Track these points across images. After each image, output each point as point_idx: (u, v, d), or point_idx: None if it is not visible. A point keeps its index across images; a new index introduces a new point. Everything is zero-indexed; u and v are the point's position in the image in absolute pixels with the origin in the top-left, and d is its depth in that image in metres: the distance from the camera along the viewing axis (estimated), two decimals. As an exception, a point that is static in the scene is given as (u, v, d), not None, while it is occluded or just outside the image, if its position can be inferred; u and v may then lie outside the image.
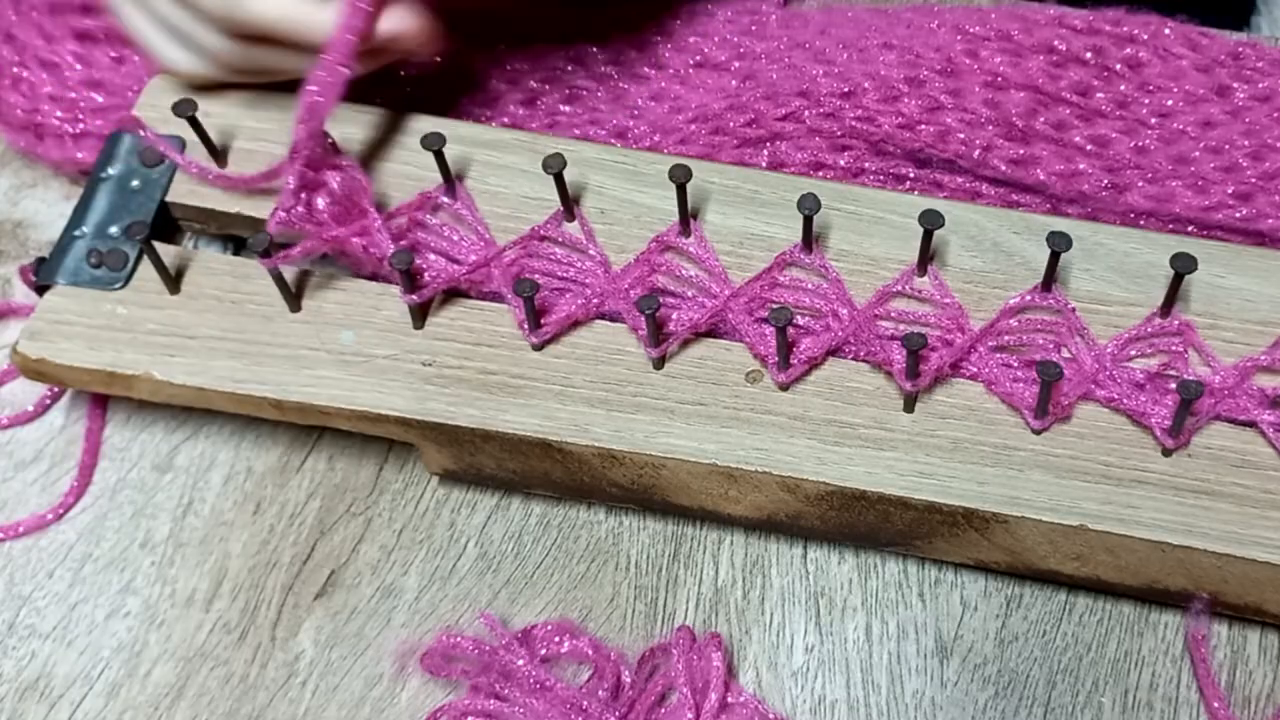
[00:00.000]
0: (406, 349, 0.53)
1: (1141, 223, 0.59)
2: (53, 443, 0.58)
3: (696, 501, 0.53)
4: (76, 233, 0.56)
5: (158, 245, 0.54)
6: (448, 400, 0.52)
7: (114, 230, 0.56)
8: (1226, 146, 0.60)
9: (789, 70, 0.62)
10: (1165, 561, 0.49)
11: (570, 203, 0.55)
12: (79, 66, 0.62)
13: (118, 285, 0.55)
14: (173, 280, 0.55)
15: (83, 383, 0.54)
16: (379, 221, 0.54)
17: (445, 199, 0.56)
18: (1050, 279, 0.53)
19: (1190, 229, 0.59)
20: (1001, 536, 0.50)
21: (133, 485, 0.57)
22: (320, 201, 0.54)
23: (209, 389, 0.53)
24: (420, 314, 0.54)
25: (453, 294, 0.55)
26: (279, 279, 0.53)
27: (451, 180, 0.55)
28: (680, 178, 0.53)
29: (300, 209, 0.54)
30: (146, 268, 0.55)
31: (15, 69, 0.62)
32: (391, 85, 0.62)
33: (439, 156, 0.54)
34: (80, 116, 0.61)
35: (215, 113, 0.58)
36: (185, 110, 0.55)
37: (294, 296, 0.54)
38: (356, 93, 0.62)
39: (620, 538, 0.55)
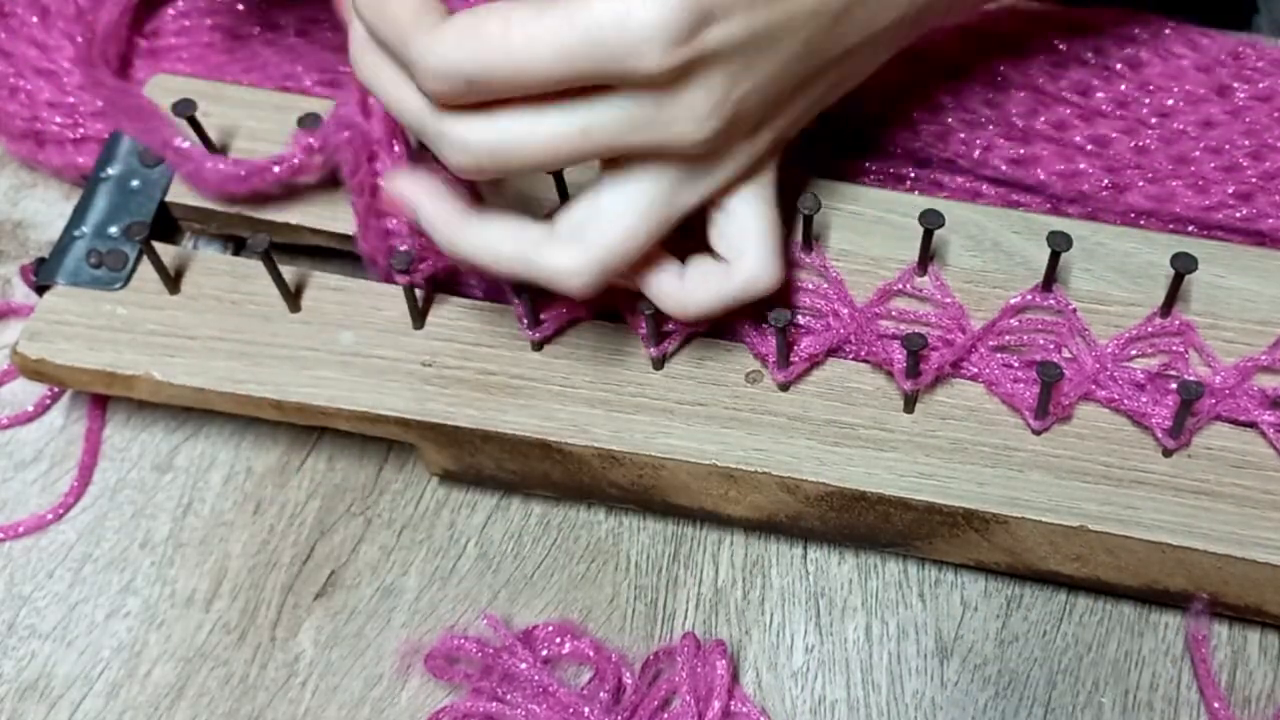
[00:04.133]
0: (406, 349, 0.53)
1: (1142, 222, 0.59)
2: (53, 443, 0.58)
3: (696, 502, 0.53)
4: (76, 233, 0.56)
5: (157, 245, 0.54)
6: (447, 401, 0.52)
7: (114, 230, 0.56)
8: (1227, 146, 0.60)
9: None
10: (1165, 562, 0.49)
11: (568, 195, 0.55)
12: (76, 72, 0.62)
13: (117, 285, 0.55)
14: (172, 280, 0.55)
15: (83, 383, 0.54)
16: None
17: None
18: (1050, 279, 0.52)
19: (1190, 229, 0.58)
20: (1001, 537, 0.50)
21: (133, 485, 0.57)
22: None
23: (209, 389, 0.53)
24: (420, 314, 0.54)
25: (451, 293, 0.55)
26: (279, 279, 0.53)
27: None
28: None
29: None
30: (146, 268, 0.55)
31: (12, 79, 0.62)
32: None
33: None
34: (80, 121, 0.61)
35: (215, 112, 0.58)
36: (185, 110, 0.55)
37: (293, 297, 0.54)
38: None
39: (620, 538, 0.55)
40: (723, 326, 0.53)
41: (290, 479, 0.57)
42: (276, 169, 0.55)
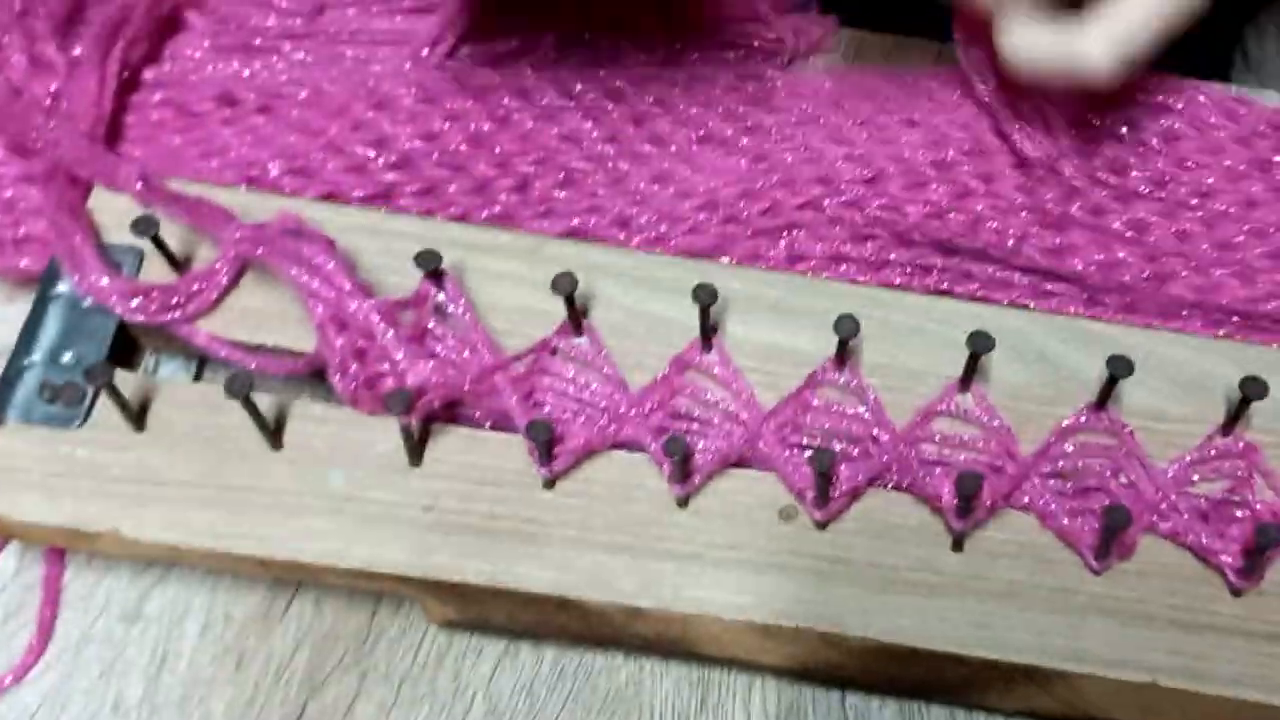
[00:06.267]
0: (404, 491, 0.48)
1: (1184, 314, 0.55)
2: (5, 591, 0.52)
3: (727, 653, 0.48)
4: (25, 361, 0.50)
5: (118, 373, 0.48)
6: (452, 552, 0.47)
7: (68, 358, 0.50)
8: (1271, 230, 0.56)
9: (806, 153, 0.57)
10: (1238, 714, 0.46)
11: (579, 319, 0.50)
12: (14, 163, 0.55)
13: (75, 424, 0.49)
14: (136, 417, 0.49)
15: (42, 539, 0.48)
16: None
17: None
18: (1105, 399, 0.48)
19: (1235, 319, 0.55)
20: (1063, 691, 0.46)
21: (99, 639, 0.51)
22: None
23: (185, 546, 0.47)
24: (417, 450, 0.49)
25: (452, 425, 0.50)
26: (256, 413, 0.48)
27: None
28: (705, 300, 0.48)
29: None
30: (107, 400, 0.49)
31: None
32: (366, 172, 0.57)
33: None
34: (20, 219, 0.55)
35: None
36: (146, 230, 0.49)
37: (274, 432, 0.49)
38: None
39: (641, 685, 0.51)
40: (751, 454, 0.49)
41: (275, 627, 0.51)
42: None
